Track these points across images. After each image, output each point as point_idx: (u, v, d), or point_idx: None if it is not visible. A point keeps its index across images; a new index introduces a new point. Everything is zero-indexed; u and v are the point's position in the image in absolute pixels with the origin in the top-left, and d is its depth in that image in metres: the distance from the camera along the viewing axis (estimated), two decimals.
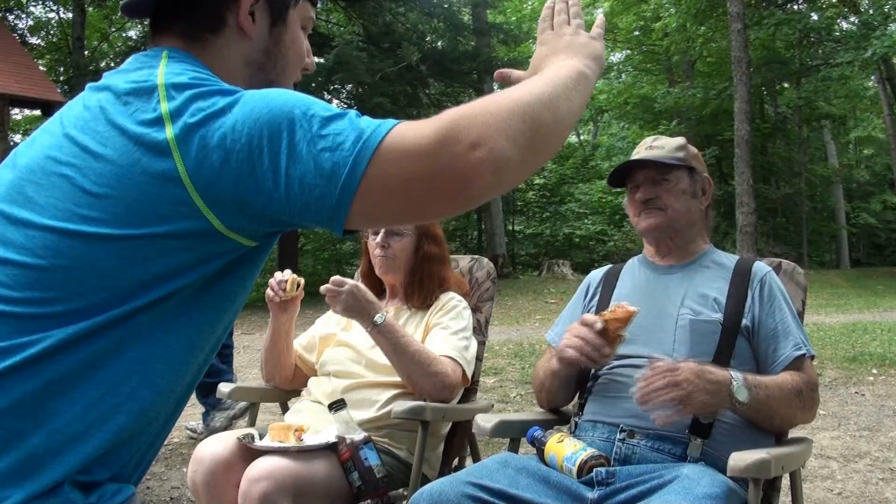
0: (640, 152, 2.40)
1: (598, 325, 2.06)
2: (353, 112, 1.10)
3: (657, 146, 2.38)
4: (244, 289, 1.25)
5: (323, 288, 2.51)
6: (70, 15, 23.65)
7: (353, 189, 1.05)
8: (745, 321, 2.19)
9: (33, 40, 26.16)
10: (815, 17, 25.04)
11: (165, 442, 4.92)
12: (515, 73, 1.43)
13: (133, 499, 1.18)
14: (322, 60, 19.89)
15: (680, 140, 2.42)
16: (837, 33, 24.54)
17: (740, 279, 2.27)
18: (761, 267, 2.31)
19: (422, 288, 2.76)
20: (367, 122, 1.08)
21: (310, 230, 27.82)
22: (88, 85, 1.26)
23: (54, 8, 26.34)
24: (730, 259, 2.37)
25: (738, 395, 1.99)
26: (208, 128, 1.08)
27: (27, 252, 1.09)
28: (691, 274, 2.33)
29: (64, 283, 1.08)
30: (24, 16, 26.21)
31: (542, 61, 1.34)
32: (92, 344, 1.09)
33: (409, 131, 1.07)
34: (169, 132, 1.08)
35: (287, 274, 2.71)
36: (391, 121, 1.09)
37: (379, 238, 2.74)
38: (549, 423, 2.35)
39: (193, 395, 2.68)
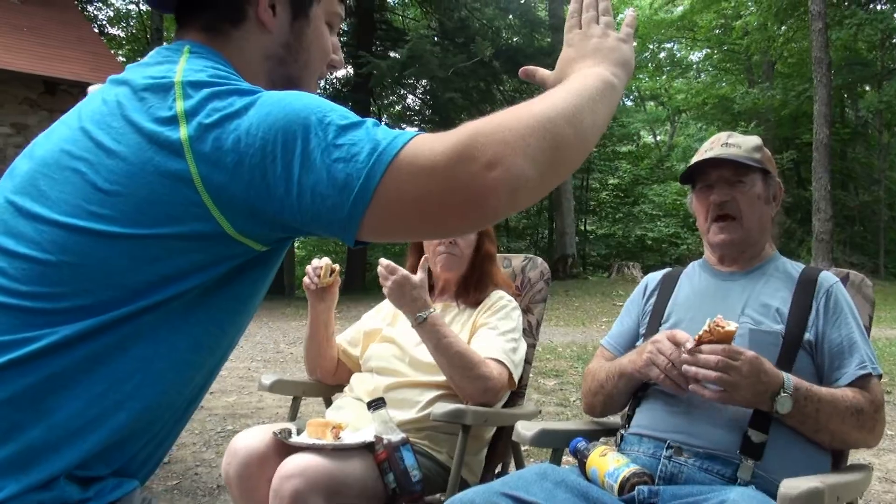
0: (715, 149, 2.24)
1: (689, 345, 1.93)
2: (370, 121, 1.08)
3: (733, 144, 2.23)
4: (256, 292, 1.22)
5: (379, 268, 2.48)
6: (149, 7, 24.06)
7: (366, 202, 1.02)
8: (808, 335, 2.05)
9: (113, 31, 26.81)
10: None
11: (220, 429, 5.00)
12: (541, 71, 1.40)
13: (134, 493, 1.16)
14: (396, 55, 20.01)
15: (756, 139, 2.27)
16: None
17: (805, 289, 2.13)
18: (828, 277, 2.16)
19: (478, 285, 2.71)
20: (384, 134, 1.05)
21: None
22: (110, 77, 1.24)
23: (134, 0, 26.96)
24: (795, 268, 2.23)
25: (778, 406, 1.88)
26: (223, 129, 1.05)
27: (36, 246, 1.08)
28: (754, 282, 2.20)
29: (71, 279, 1.07)
30: (103, 7, 26.88)
31: (568, 65, 1.31)
32: (96, 341, 1.07)
33: (424, 146, 1.04)
34: (183, 132, 1.06)
35: (323, 260, 2.66)
36: (409, 132, 1.06)
37: None
38: (594, 435, 2.25)
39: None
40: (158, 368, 1.11)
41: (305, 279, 2.67)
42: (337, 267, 2.64)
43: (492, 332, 2.52)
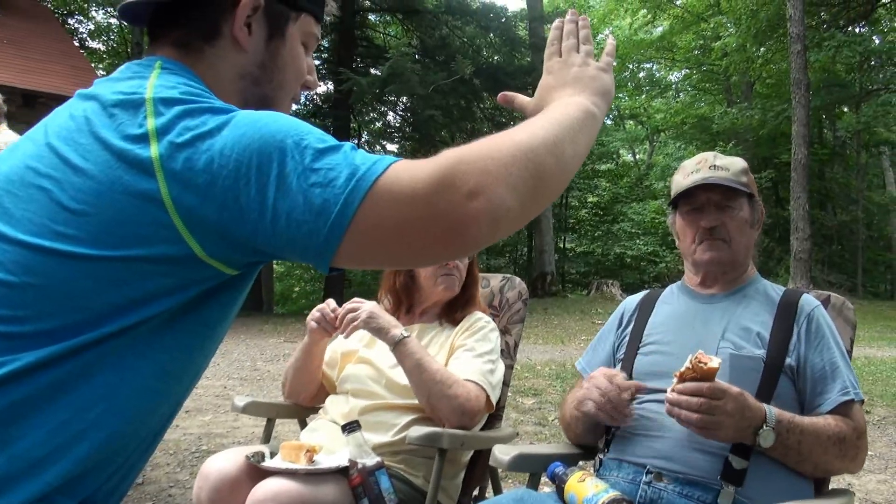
0: (703, 171, 2.20)
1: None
2: (348, 145, 1.06)
3: (721, 166, 2.20)
4: (225, 316, 1.18)
5: (344, 311, 2.48)
6: (122, 21, 24.00)
7: (343, 228, 1.00)
8: (790, 360, 2.03)
9: (94, 44, 26.72)
10: (877, 40, 24.51)
11: (194, 449, 4.93)
12: (520, 97, 1.39)
13: None
14: (377, 72, 20.02)
15: (742, 162, 2.25)
16: None
17: (786, 313, 2.10)
18: (809, 301, 2.14)
19: (465, 306, 2.69)
20: (363, 159, 1.03)
21: None
22: (78, 92, 1.20)
23: (115, 13, 26.86)
24: (776, 291, 2.20)
25: (761, 440, 1.85)
26: (195, 149, 1.02)
27: None
28: (734, 305, 2.17)
29: (34, 301, 1.02)
30: (84, 20, 26.79)
31: (548, 93, 1.30)
32: (60, 367, 1.02)
33: (405, 172, 1.02)
34: (154, 150, 1.02)
35: (334, 306, 2.59)
36: (388, 158, 1.04)
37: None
38: (573, 459, 2.21)
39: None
40: (124, 396, 1.07)
41: (312, 322, 2.57)
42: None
43: (469, 354, 2.49)
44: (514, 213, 1.04)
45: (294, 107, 1.37)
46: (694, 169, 2.23)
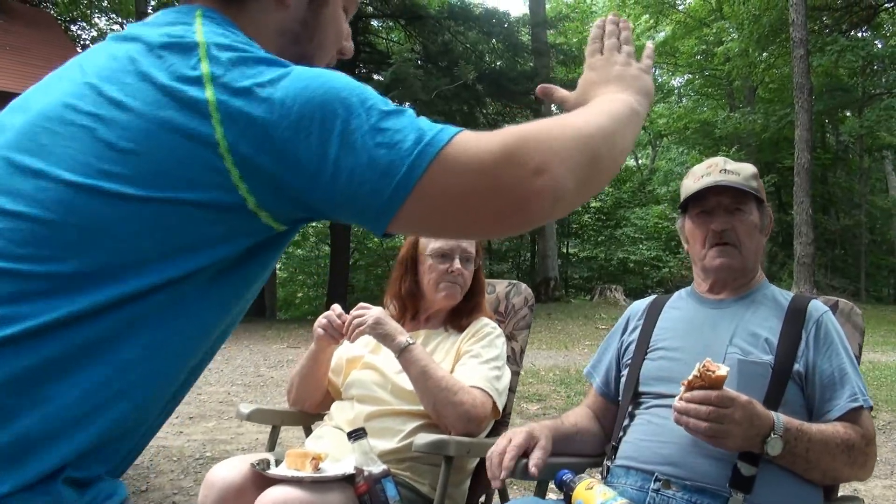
0: (714, 175, 2.19)
1: (680, 391, 1.87)
2: (411, 110, 1.05)
3: (731, 170, 2.19)
4: (262, 275, 1.15)
5: (351, 321, 2.46)
6: None
7: (408, 191, 0.99)
8: (798, 366, 2.01)
9: None
10: (879, 44, 24.50)
11: (198, 456, 4.91)
12: (560, 91, 1.39)
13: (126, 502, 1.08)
14: (380, 77, 20.02)
15: (752, 167, 2.24)
16: None
17: (794, 319, 2.09)
18: (817, 307, 2.13)
19: (471, 314, 2.68)
20: (429, 125, 1.02)
21: (363, 247, 28.14)
22: (111, 35, 1.16)
23: (118, 20, 26.94)
24: (784, 296, 2.19)
25: (769, 448, 1.83)
26: (253, 97, 0.99)
27: (37, 205, 0.98)
28: (742, 310, 2.16)
29: (76, 243, 0.97)
30: (87, 27, 26.85)
31: (591, 87, 1.32)
32: (102, 321, 0.98)
33: (471, 142, 1.01)
34: (210, 94, 1.00)
35: (340, 312, 2.57)
36: (452, 127, 1.02)
37: (455, 267, 2.63)
38: (580, 467, 2.20)
39: None
40: (164, 356, 1.04)
41: (318, 329, 2.55)
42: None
43: (475, 361, 2.48)
44: (571, 195, 1.04)
45: None
46: (704, 173, 2.22)
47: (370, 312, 2.45)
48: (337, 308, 2.57)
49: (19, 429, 0.94)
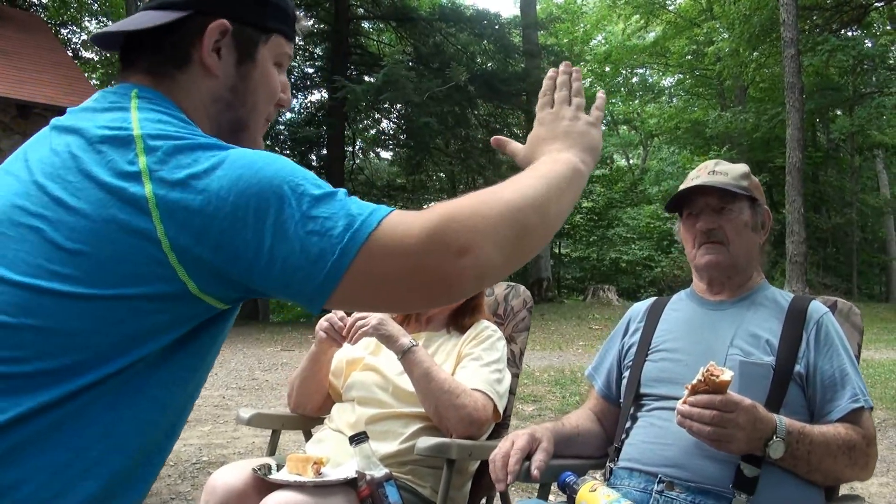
0: (702, 177, 2.21)
1: (683, 395, 1.87)
2: (342, 192, 1.09)
3: (720, 171, 2.21)
4: (214, 347, 1.20)
5: (352, 319, 2.45)
6: (96, 46, 24.04)
7: (339, 277, 1.03)
8: (799, 367, 2.02)
9: (87, 54, 26.71)
10: (869, 43, 24.57)
11: (194, 461, 4.90)
12: (512, 144, 1.43)
13: None
14: (371, 79, 20.01)
15: (744, 167, 2.25)
16: (892, 61, 24.06)
17: (795, 320, 2.09)
18: (818, 307, 2.13)
19: (472, 313, 2.67)
20: (358, 208, 1.07)
21: None
22: (53, 122, 1.20)
23: (108, 24, 26.81)
24: (784, 297, 2.19)
25: (771, 451, 1.84)
26: (190, 189, 1.03)
27: None
28: (743, 311, 2.16)
29: (33, 343, 1.02)
30: (77, 30, 26.77)
31: (538, 144, 1.35)
32: (59, 409, 1.02)
33: (398, 226, 1.05)
34: (148, 189, 1.03)
35: (342, 315, 2.55)
36: (382, 209, 1.07)
37: None
38: (582, 468, 2.20)
39: None
40: (123, 432, 1.07)
41: (321, 332, 2.54)
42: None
43: (476, 363, 2.47)
44: (498, 270, 1.09)
45: (287, 115, 1.38)
46: (695, 176, 2.24)
47: (373, 314, 2.44)
48: (339, 311, 2.57)
49: None
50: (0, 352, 1.01)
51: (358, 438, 2.19)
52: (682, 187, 2.24)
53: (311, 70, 24.78)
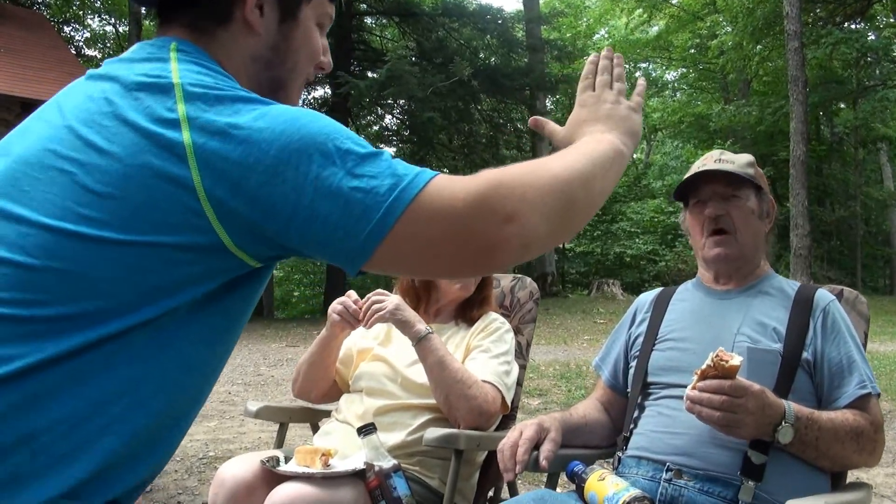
0: (708, 165, 2.21)
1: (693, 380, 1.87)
2: (387, 153, 1.06)
3: (726, 160, 2.21)
4: (246, 309, 1.17)
5: (368, 303, 2.45)
6: (126, 28, 24.13)
7: (382, 236, 1.01)
8: (807, 354, 2.02)
9: (90, 52, 26.74)
10: (872, 36, 24.50)
11: (201, 455, 4.91)
12: (550, 124, 1.43)
13: None
14: (375, 75, 20.00)
15: (749, 156, 2.25)
16: None
17: (801, 308, 2.10)
18: (824, 295, 2.13)
19: (481, 305, 2.68)
20: (404, 169, 1.04)
21: None
22: (88, 72, 1.18)
23: (111, 21, 26.88)
24: (791, 286, 2.19)
25: (780, 436, 1.84)
26: (230, 139, 1.01)
27: (19, 250, 1.00)
28: (749, 300, 2.16)
29: (57, 286, 0.99)
30: (80, 28, 26.79)
31: (579, 126, 1.35)
32: (81, 358, 1.00)
33: (445, 189, 1.04)
34: (186, 136, 1.01)
35: (356, 297, 2.55)
36: (428, 172, 1.05)
37: None
38: (591, 458, 2.20)
39: None
40: (147, 390, 1.05)
41: (334, 315, 2.53)
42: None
43: (485, 355, 2.48)
44: (543, 241, 1.09)
45: None
46: (700, 165, 2.24)
47: (390, 298, 2.44)
48: (353, 294, 2.57)
49: (9, 466, 0.97)
50: (23, 293, 0.99)
51: (366, 430, 2.19)
52: (686, 176, 2.24)
53: None
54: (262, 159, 1.00)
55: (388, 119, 26.73)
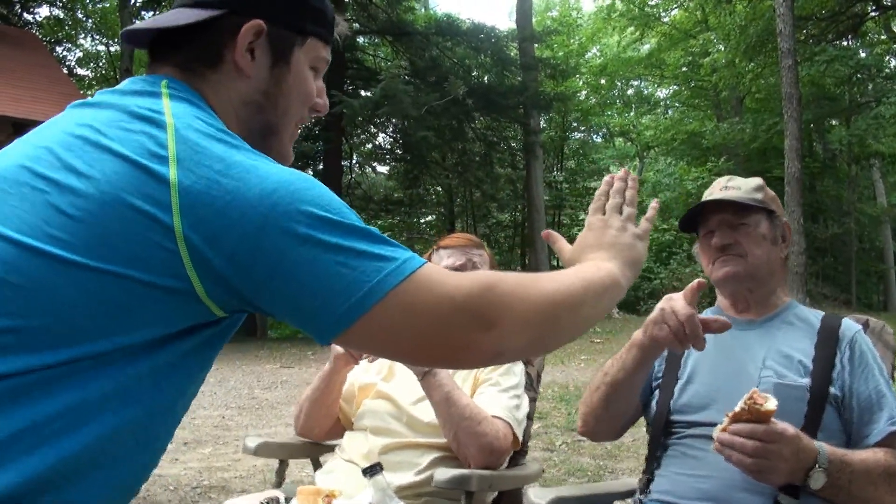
0: (715, 193, 2.14)
1: (724, 422, 1.75)
2: (375, 230, 1.05)
3: (733, 186, 2.14)
4: (206, 356, 1.11)
5: None
6: (118, 48, 24.16)
7: (358, 316, 0.99)
8: (834, 389, 1.93)
9: (82, 72, 26.75)
10: (863, 53, 24.59)
11: (195, 485, 4.79)
12: (561, 241, 1.45)
13: None
14: (368, 94, 20.00)
15: (757, 180, 2.18)
16: (888, 70, 24.09)
17: (827, 340, 2.01)
18: (850, 326, 2.05)
19: None
20: (392, 251, 1.03)
21: None
22: (75, 102, 1.14)
23: (103, 41, 26.90)
24: (814, 315, 2.11)
25: (812, 482, 1.75)
26: (218, 188, 0.97)
27: None
28: (773, 331, 2.07)
29: (12, 300, 0.95)
30: (73, 48, 26.83)
31: (584, 250, 1.36)
32: (22, 377, 0.94)
33: (436, 286, 1.03)
34: (173, 173, 0.96)
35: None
36: (416, 259, 1.04)
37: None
38: (608, 500, 2.10)
39: None
40: (84, 419, 0.97)
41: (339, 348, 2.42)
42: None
43: (494, 389, 2.38)
44: (517, 352, 1.11)
45: None
46: (708, 194, 2.18)
47: None
48: None
49: None
50: None
51: (372, 470, 2.08)
52: (691, 207, 2.18)
53: None
54: (248, 215, 0.97)
55: (381, 138, 26.77)
